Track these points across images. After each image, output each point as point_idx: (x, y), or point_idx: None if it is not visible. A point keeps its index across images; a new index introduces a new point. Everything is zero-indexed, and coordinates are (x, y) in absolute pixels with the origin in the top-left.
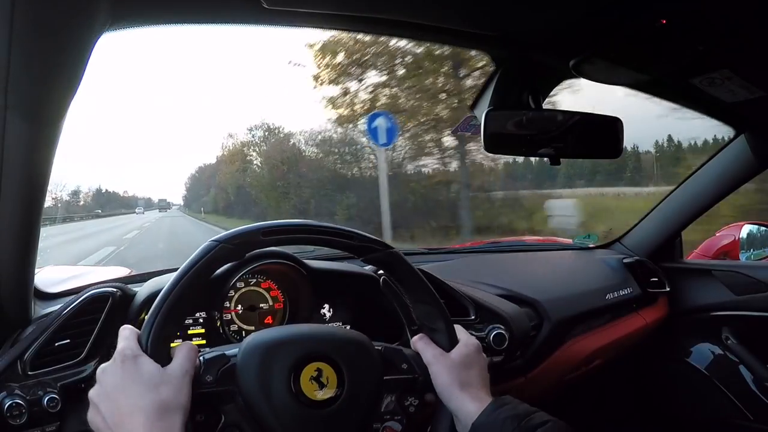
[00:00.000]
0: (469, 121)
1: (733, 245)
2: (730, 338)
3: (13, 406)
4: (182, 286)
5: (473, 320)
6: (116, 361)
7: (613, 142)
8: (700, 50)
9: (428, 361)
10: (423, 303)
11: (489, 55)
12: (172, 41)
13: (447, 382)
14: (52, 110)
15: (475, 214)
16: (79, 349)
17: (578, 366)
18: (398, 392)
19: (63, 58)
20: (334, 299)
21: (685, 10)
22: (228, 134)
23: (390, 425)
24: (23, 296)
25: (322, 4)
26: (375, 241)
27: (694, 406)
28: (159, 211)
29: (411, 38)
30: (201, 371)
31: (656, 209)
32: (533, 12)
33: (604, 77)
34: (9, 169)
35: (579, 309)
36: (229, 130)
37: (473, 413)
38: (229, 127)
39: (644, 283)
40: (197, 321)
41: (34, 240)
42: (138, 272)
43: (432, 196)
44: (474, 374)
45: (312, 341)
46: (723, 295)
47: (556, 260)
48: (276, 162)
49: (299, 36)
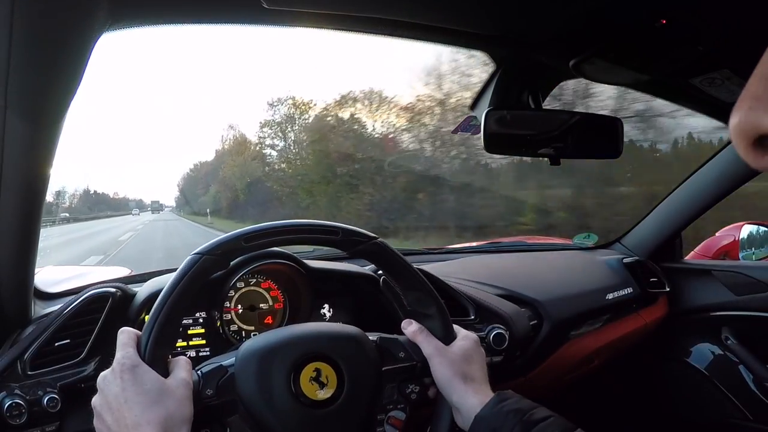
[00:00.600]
0: (469, 121)
1: (733, 245)
2: (729, 338)
3: (12, 405)
4: (170, 303)
5: (473, 320)
6: (116, 371)
7: (613, 142)
8: (700, 50)
9: (428, 354)
10: (413, 290)
11: (489, 55)
12: (166, 38)
13: (449, 375)
14: (51, 110)
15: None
16: (79, 349)
17: (578, 366)
18: (398, 381)
19: (62, 58)
20: (334, 299)
21: (685, 10)
22: (229, 126)
23: (394, 414)
24: (23, 296)
25: (322, 4)
26: (359, 233)
27: (693, 406)
28: (152, 212)
29: (411, 38)
30: (200, 386)
31: (656, 209)
32: (533, 12)
33: (604, 77)
34: (9, 169)
35: (579, 309)
36: (229, 122)
37: (476, 406)
38: (228, 119)
39: (644, 283)
40: (197, 321)
41: (34, 240)
42: (138, 272)
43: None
44: (475, 368)
45: (307, 342)
46: (723, 295)
47: (556, 260)
48: (331, 143)
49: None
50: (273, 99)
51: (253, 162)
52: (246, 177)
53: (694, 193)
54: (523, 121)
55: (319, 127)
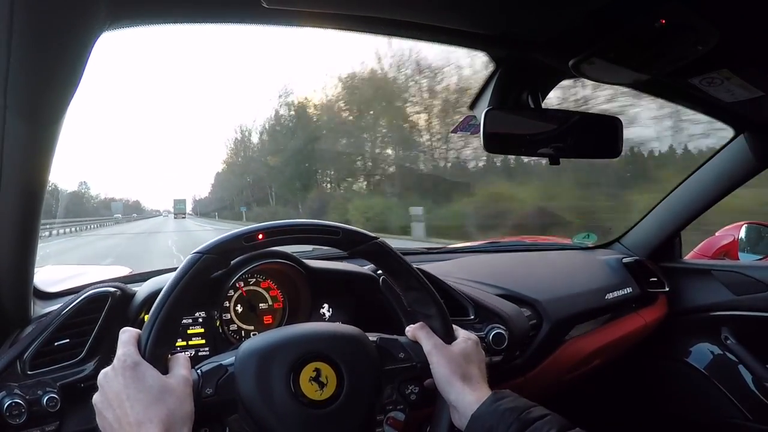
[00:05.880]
0: (469, 121)
1: (733, 245)
2: (729, 338)
3: (12, 405)
4: (171, 301)
5: (472, 320)
6: (117, 368)
7: (612, 142)
8: (699, 50)
9: (429, 351)
10: (413, 290)
11: (489, 54)
12: (174, 37)
13: (448, 374)
14: (51, 110)
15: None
16: (78, 349)
17: (577, 366)
18: (398, 382)
19: (62, 58)
20: (333, 299)
21: (685, 10)
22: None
23: (393, 415)
24: (23, 295)
25: (322, 3)
26: (359, 233)
27: (693, 406)
28: (175, 217)
29: (411, 38)
30: (200, 385)
31: (656, 209)
32: (533, 12)
33: (603, 77)
34: (8, 169)
35: (578, 309)
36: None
37: (473, 404)
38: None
39: (644, 282)
40: (196, 321)
41: (33, 240)
42: (137, 272)
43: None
44: (474, 368)
45: (307, 341)
46: (722, 295)
47: (556, 260)
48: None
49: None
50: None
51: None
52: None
53: (694, 192)
54: (522, 121)
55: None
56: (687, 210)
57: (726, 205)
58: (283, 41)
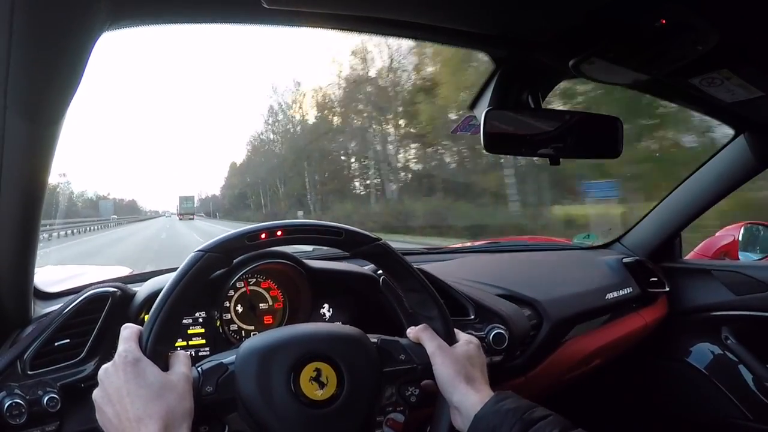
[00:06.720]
0: (469, 121)
1: (733, 245)
2: (729, 338)
3: (12, 405)
4: (172, 299)
5: (473, 320)
6: (117, 364)
7: (612, 142)
8: (699, 50)
9: (432, 353)
10: (415, 291)
11: (489, 54)
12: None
13: (452, 375)
14: (51, 110)
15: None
16: (78, 349)
17: (578, 366)
18: (398, 383)
19: (62, 57)
20: (333, 299)
21: (685, 10)
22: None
23: (393, 417)
24: (23, 296)
25: (322, 4)
26: (362, 234)
27: (693, 405)
28: (180, 218)
29: (411, 38)
30: (200, 383)
31: (656, 209)
32: (533, 12)
33: (603, 77)
34: (8, 169)
35: (578, 309)
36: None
37: (476, 405)
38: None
39: (644, 282)
40: (197, 321)
41: (33, 240)
42: (138, 272)
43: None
44: (477, 370)
45: (308, 341)
46: (723, 295)
47: (556, 260)
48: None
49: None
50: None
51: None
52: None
53: (694, 193)
54: (522, 121)
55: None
56: (687, 210)
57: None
58: (298, 39)
